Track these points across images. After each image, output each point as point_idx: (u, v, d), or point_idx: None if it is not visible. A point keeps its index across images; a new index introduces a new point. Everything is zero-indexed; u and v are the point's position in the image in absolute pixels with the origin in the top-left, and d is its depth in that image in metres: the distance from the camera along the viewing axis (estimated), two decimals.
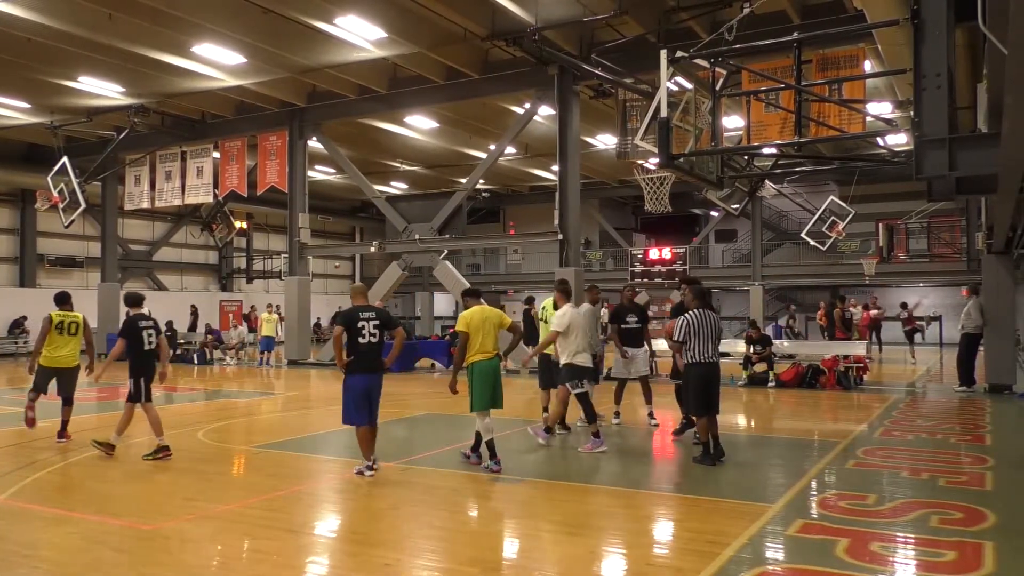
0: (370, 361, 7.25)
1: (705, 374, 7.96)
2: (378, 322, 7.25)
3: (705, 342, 7.89)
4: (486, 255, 39.44)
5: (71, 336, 9.39)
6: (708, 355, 7.91)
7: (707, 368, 7.96)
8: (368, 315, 7.24)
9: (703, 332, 7.89)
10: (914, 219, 24.18)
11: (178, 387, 16.70)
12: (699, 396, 7.97)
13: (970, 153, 6.26)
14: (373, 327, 7.19)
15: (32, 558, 5.09)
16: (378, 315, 7.31)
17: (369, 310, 7.33)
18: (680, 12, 15.08)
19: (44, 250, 28.82)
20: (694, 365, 7.95)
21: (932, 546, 5.20)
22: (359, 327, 7.15)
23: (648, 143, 9.64)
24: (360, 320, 7.18)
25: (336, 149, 21.90)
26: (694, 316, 7.95)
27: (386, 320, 7.37)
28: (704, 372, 7.96)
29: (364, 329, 7.15)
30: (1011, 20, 3.97)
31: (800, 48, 8.13)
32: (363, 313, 7.25)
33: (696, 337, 7.88)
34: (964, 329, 14.62)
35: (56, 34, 15.41)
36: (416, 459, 8.24)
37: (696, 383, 7.98)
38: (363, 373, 7.21)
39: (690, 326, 7.89)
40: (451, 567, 4.95)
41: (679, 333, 7.93)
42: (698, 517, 6.08)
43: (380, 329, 7.25)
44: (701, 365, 7.93)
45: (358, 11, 14.64)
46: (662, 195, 17.60)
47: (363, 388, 7.21)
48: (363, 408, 7.22)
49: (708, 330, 7.92)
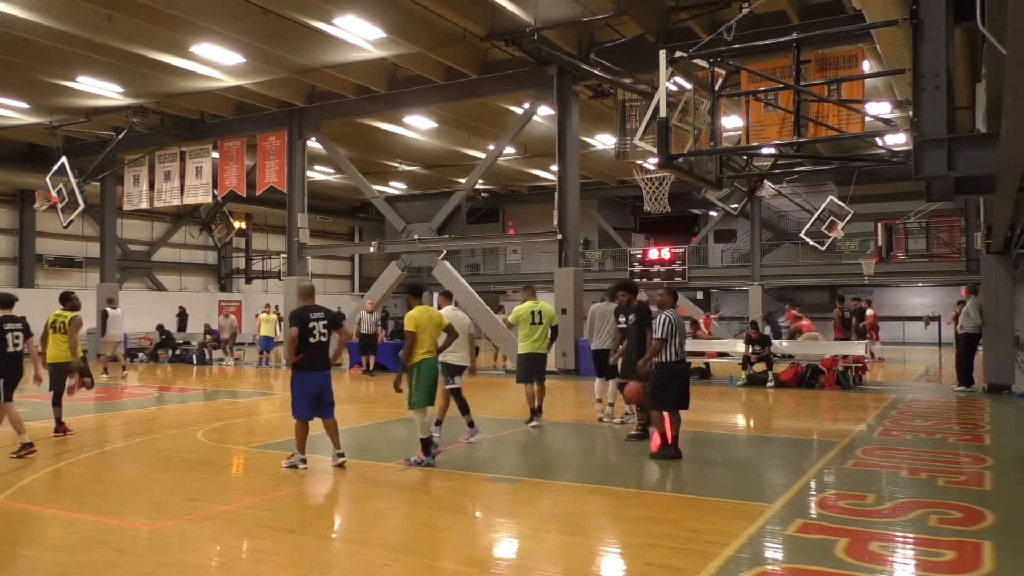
0: (319, 359, 7.58)
1: (681, 371, 8.26)
2: (326, 321, 7.61)
3: (682, 342, 8.19)
4: (485, 255, 39.45)
5: (63, 335, 9.54)
6: (683, 354, 8.23)
7: (682, 366, 8.27)
8: (317, 315, 7.59)
9: (679, 331, 8.19)
10: (913, 219, 24.20)
11: (174, 387, 16.70)
12: (674, 393, 8.17)
13: (969, 153, 6.26)
14: (322, 327, 7.56)
15: (31, 558, 5.09)
16: (326, 315, 7.67)
17: (318, 310, 7.67)
18: (679, 12, 15.10)
19: (43, 250, 28.81)
20: (671, 363, 8.14)
21: (931, 546, 5.20)
22: (310, 327, 7.48)
23: (647, 143, 9.65)
24: (311, 320, 7.51)
25: (335, 149, 21.90)
26: (673, 315, 8.21)
27: (332, 320, 7.71)
28: (681, 369, 8.26)
29: (315, 329, 7.50)
30: (1010, 20, 3.98)
31: (799, 48, 8.14)
32: (313, 313, 7.59)
33: (674, 336, 8.10)
34: (963, 329, 14.63)
35: (55, 34, 15.40)
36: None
37: (672, 381, 8.18)
38: (313, 371, 7.54)
39: (672, 325, 8.08)
40: (450, 567, 4.95)
41: (662, 331, 8.05)
42: (697, 517, 6.08)
43: (328, 328, 7.61)
44: (678, 363, 8.19)
45: (357, 11, 14.64)
46: (661, 195, 17.60)
47: (313, 385, 7.55)
48: (312, 404, 7.56)
49: (681, 330, 8.25)
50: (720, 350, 17.84)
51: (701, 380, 17.08)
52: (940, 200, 10.62)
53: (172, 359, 23.22)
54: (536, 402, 10.28)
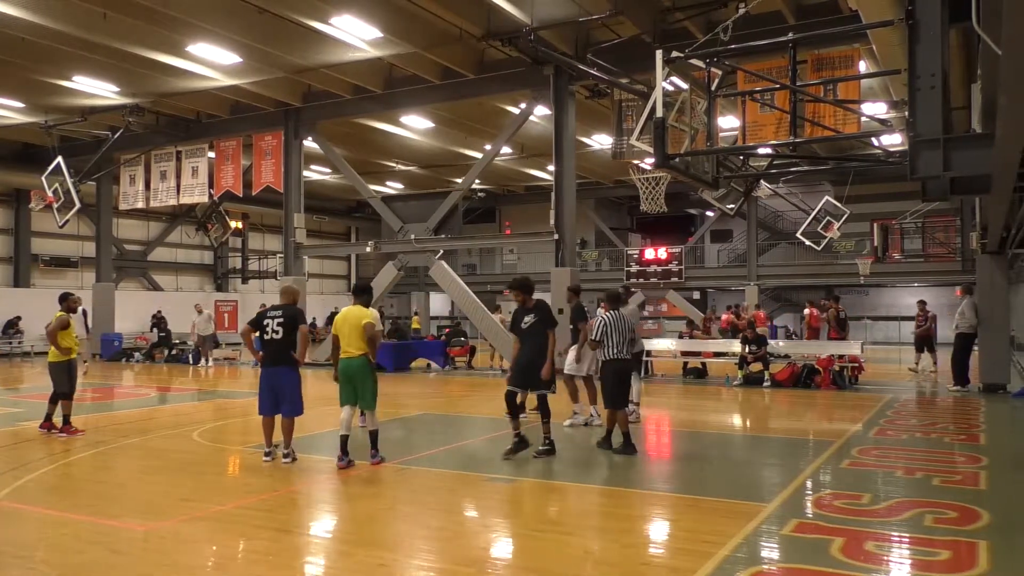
0: (270, 355, 7.90)
1: (621, 370, 8.50)
2: (282, 320, 7.84)
3: (619, 341, 8.46)
4: (482, 255, 39.44)
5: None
6: (623, 353, 8.48)
7: (623, 364, 8.51)
8: (275, 314, 7.91)
9: (616, 332, 8.46)
10: (909, 219, 24.23)
11: (172, 387, 16.68)
12: (615, 390, 8.51)
13: (964, 153, 6.28)
14: (276, 324, 7.83)
15: (27, 559, 5.07)
16: (284, 314, 7.89)
17: (278, 309, 7.97)
18: (675, 12, 15.11)
19: (38, 250, 28.75)
20: (610, 362, 8.50)
21: (927, 545, 5.21)
22: (264, 325, 7.88)
23: (644, 143, 9.66)
24: (266, 319, 7.91)
25: (332, 149, 21.88)
26: (608, 317, 8.59)
27: (290, 318, 7.88)
28: (620, 368, 8.50)
29: (268, 327, 7.85)
30: (1005, 21, 3.99)
31: (795, 48, 8.16)
32: (271, 312, 7.96)
33: (610, 336, 8.44)
34: (958, 329, 14.67)
35: (50, 33, 15.36)
36: (412, 459, 8.23)
37: (612, 379, 8.52)
38: (265, 366, 7.93)
39: (605, 326, 8.50)
40: (446, 567, 4.95)
41: (595, 333, 8.61)
42: (693, 516, 6.09)
43: (284, 327, 7.82)
44: (616, 362, 8.47)
45: (354, 11, 14.63)
46: (658, 195, 17.62)
47: (265, 380, 7.91)
48: (264, 399, 7.91)
49: (621, 331, 8.48)
50: (716, 350, 17.87)
51: (697, 380, 17.13)
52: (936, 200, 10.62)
53: (168, 359, 23.18)
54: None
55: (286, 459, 7.86)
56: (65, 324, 9.69)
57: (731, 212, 23.23)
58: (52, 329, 9.60)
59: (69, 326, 9.76)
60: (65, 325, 9.69)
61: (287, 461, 7.84)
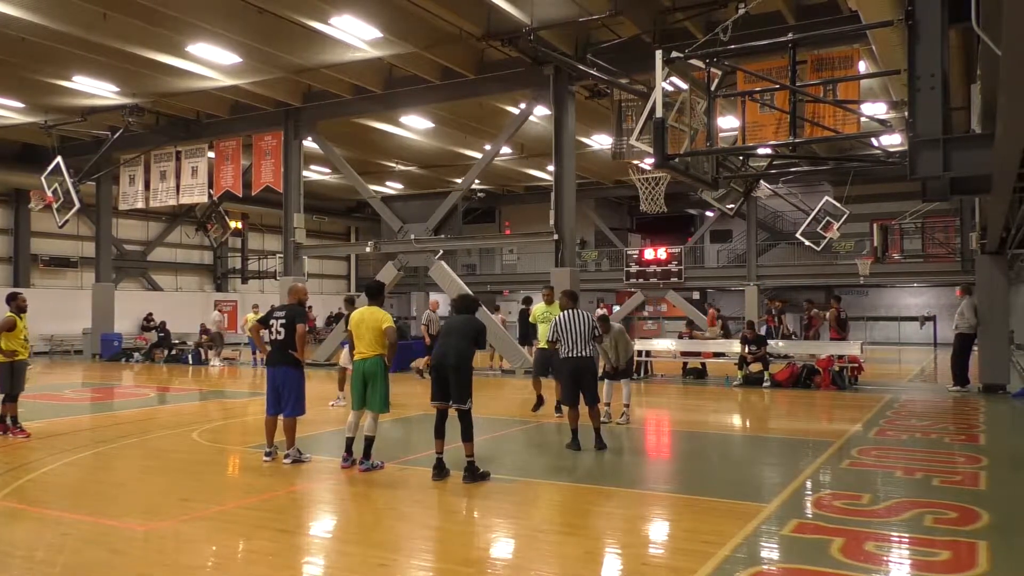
0: (272, 355, 7.93)
1: (575, 368, 8.58)
2: (284, 320, 7.83)
3: (576, 340, 8.55)
4: (482, 255, 39.43)
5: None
6: (579, 351, 8.56)
7: (577, 362, 8.58)
8: (279, 314, 7.93)
9: (573, 331, 8.55)
10: (908, 219, 24.23)
11: (171, 387, 16.67)
12: (570, 388, 8.71)
13: (964, 154, 6.28)
14: (280, 325, 7.84)
15: (27, 559, 5.07)
16: (286, 314, 7.88)
17: (283, 309, 8.04)
18: (675, 12, 15.09)
19: (38, 250, 28.74)
20: (566, 360, 8.62)
21: (926, 545, 5.21)
22: (270, 325, 7.93)
23: (643, 143, 9.67)
24: (271, 319, 7.94)
25: (331, 149, 21.87)
26: (564, 316, 8.71)
27: (290, 318, 7.85)
28: (574, 366, 8.58)
29: (272, 327, 7.90)
30: (1004, 21, 3.99)
31: (795, 49, 8.16)
32: (276, 312, 8.01)
33: (567, 335, 8.56)
34: (958, 329, 14.67)
35: (50, 33, 15.36)
36: (412, 459, 8.23)
37: (568, 376, 8.69)
38: (269, 366, 7.99)
39: (559, 325, 8.64)
40: (446, 567, 4.95)
41: (551, 333, 8.79)
42: (693, 517, 6.09)
43: (285, 327, 7.81)
44: (572, 360, 8.57)
45: (354, 11, 14.63)
46: (657, 195, 17.61)
47: (269, 380, 7.94)
48: (269, 398, 7.93)
49: (578, 329, 8.57)
50: (716, 350, 17.87)
51: (697, 380, 17.13)
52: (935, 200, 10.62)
53: (168, 359, 23.17)
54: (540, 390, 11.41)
55: (286, 460, 7.85)
56: (11, 325, 9.37)
57: (731, 212, 23.23)
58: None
59: (16, 327, 9.41)
60: (11, 326, 9.37)
61: (287, 462, 7.83)
